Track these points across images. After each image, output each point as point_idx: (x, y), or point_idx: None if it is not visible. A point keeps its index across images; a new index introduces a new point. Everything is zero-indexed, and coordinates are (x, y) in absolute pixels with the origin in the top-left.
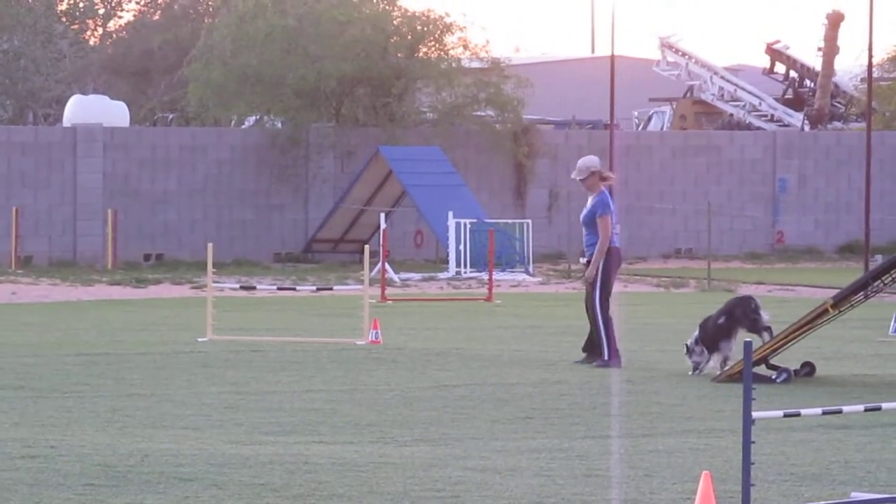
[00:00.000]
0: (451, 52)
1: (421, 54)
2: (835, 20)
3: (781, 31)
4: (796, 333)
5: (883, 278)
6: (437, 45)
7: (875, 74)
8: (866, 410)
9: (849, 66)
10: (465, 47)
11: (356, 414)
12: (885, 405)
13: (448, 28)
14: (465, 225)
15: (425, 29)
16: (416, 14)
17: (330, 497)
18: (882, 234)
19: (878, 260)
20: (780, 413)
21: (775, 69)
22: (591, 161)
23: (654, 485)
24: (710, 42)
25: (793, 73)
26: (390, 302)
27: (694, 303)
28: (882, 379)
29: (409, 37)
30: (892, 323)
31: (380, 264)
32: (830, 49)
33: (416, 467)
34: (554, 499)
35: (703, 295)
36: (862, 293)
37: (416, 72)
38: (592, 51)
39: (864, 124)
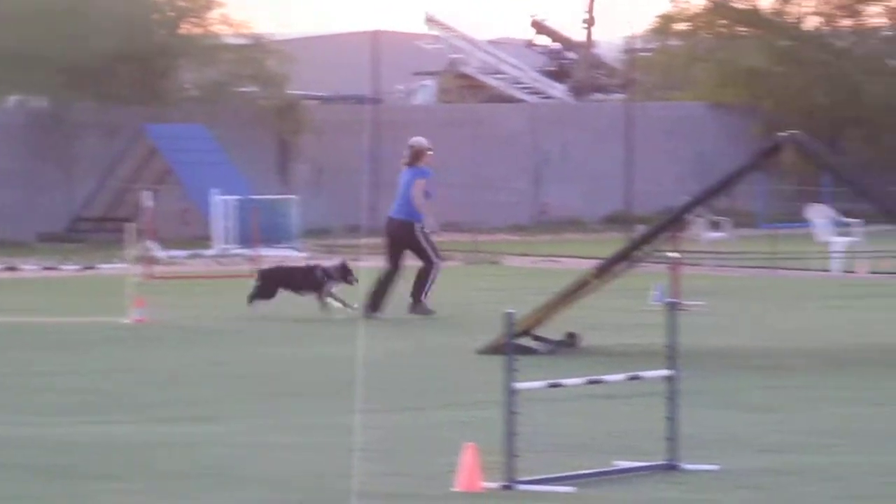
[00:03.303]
0: (214, 29)
1: (183, 31)
2: None
3: (545, 3)
4: (560, 304)
5: (644, 247)
6: (199, 22)
7: (636, 45)
8: (629, 380)
9: (611, 38)
10: (228, 24)
11: (124, 393)
12: (646, 374)
13: (210, 4)
14: (230, 202)
15: (187, 6)
16: None
17: (96, 477)
18: (645, 204)
19: (641, 230)
20: (543, 383)
21: (538, 41)
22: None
23: (421, 458)
24: (474, 15)
25: (555, 45)
26: (157, 280)
27: (461, 276)
28: (644, 348)
29: (171, 13)
30: (654, 292)
31: (145, 242)
32: (591, 20)
33: (185, 445)
34: (322, 474)
35: (470, 268)
36: (624, 263)
37: (179, 49)
38: (357, 26)
39: (625, 95)
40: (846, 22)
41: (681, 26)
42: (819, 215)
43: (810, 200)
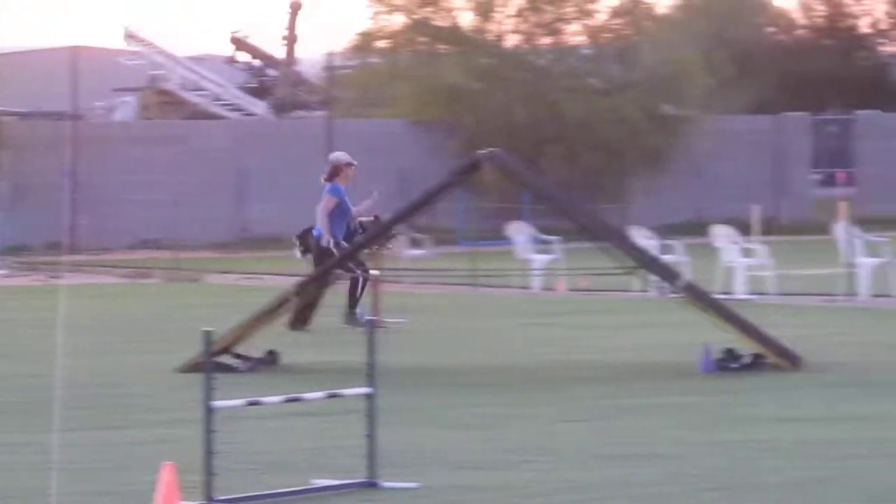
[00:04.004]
0: None
1: None
2: (296, 8)
3: (246, 20)
4: (261, 321)
5: (344, 265)
6: None
7: (337, 62)
8: (328, 397)
9: (312, 55)
10: None
11: None
12: (345, 391)
13: None
14: None
15: None
16: None
17: None
18: None
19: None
20: (242, 402)
21: (239, 58)
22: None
23: (123, 477)
24: (175, 32)
25: (256, 62)
26: None
27: (161, 293)
28: (344, 365)
29: None
30: (356, 309)
31: None
32: (292, 37)
33: None
34: (18, 494)
35: (170, 285)
36: (325, 280)
37: None
38: (56, 41)
39: (326, 112)
40: (546, 40)
41: (381, 44)
42: (519, 232)
43: (510, 218)
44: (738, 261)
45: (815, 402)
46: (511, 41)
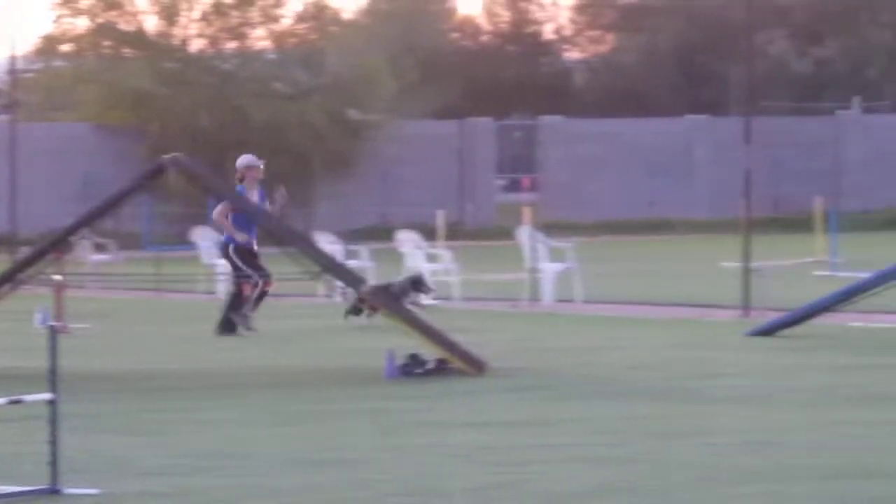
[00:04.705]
0: None
1: None
2: None
3: None
4: None
5: (28, 270)
6: None
7: (20, 65)
8: (10, 403)
9: None
10: None
11: None
12: (26, 397)
13: None
14: None
15: None
16: None
17: None
18: (30, 225)
19: (25, 252)
20: None
21: None
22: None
23: None
24: None
25: None
26: None
27: None
28: (27, 371)
29: None
30: (37, 315)
31: None
32: None
33: None
34: None
35: None
36: (8, 285)
37: None
38: None
39: (9, 116)
40: (232, 45)
41: (66, 47)
42: (204, 237)
43: (195, 223)
44: (423, 266)
45: (499, 408)
46: (196, 45)
